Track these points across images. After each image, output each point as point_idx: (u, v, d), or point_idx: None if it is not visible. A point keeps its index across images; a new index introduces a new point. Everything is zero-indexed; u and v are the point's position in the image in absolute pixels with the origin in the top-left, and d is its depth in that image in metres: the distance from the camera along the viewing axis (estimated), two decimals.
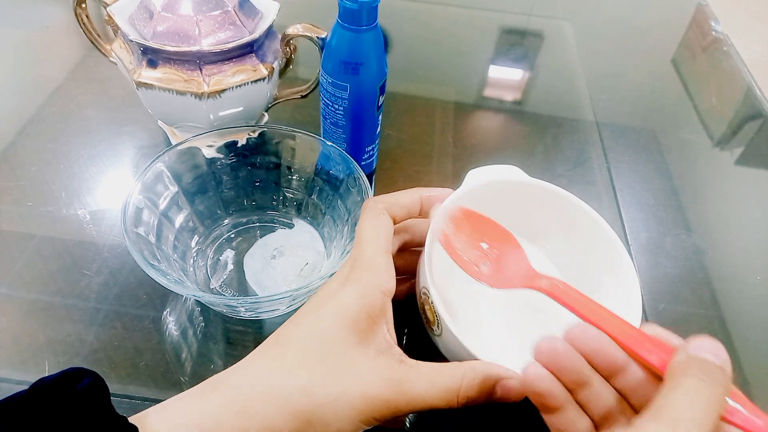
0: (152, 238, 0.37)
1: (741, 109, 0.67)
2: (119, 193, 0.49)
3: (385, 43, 0.43)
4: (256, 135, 0.42)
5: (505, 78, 0.70)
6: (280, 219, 0.45)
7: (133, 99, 0.48)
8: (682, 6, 0.86)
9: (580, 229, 0.38)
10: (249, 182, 0.44)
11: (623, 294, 0.35)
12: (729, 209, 0.55)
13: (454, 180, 0.52)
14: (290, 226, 0.45)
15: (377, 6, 0.39)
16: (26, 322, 0.39)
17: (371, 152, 0.49)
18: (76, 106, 0.56)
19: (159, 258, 0.36)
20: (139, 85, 0.44)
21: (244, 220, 0.45)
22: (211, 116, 0.46)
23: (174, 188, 0.40)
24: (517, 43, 0.75)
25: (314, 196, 0.44)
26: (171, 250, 0.39)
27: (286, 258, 0.42)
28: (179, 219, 0.41)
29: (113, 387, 0.35)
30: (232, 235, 0.44)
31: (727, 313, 0.44)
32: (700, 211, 0.53)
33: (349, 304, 0.28)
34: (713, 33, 0.78)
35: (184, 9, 0.43)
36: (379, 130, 0.48)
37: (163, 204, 0.39)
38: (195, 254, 0.42)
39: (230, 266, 0.42)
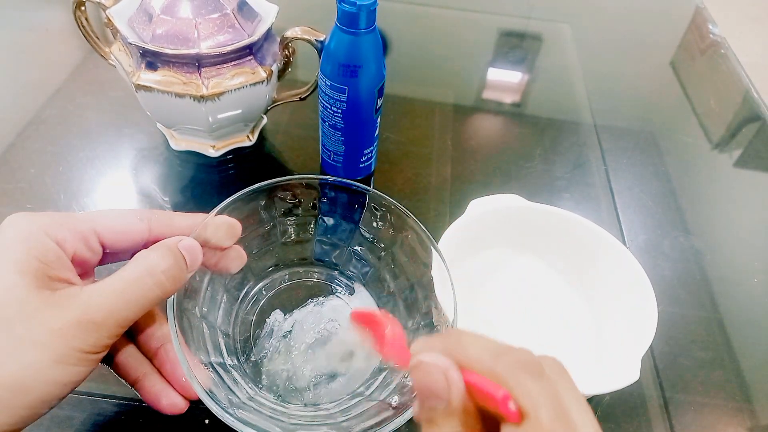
0: (202, 310, 0.33)
1: (739, 112, 0.67)
2: (119, 195, 0.49)
3: (384, 45, 0.43)
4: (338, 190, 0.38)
5: (504, 81, 0.70)
6: (341, 278, 0.41)
7: (132, 101, 0.48)
8: (681, 9, 0.86)
9: (585, 240, 0.40)
10: (317, 234, 0.40)
11: (636, 294, 0.37)
12: (727, 211, 0.55)
13: (452, 183, 0.52)
14: (351, 290, 0.40)
15: (375, 9, 0.39)
16: None
17: (370, 155, 0.49)
18: (75, 108, 0.56)
19: (208, 335, 0.32)
20: (138, 87, 0.44)
21: (301, 270, 0.41)
22: (210, 119, 0.46)
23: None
24: (516, 45, 0.76)
25: (385, 271, 0.39)
26: (218, 311, 0.35)
27: (332, 345, 0.36)
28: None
29: (113, 389, 0.35)
30: (283, 288, 0.40)
31: (726, 314, 0.44)
32: (698, 213, 0.53)
33: (9, 247, 0.25)
34: (711, 36, 0.78)
35: (183, 12, 0.43)
36: (377, 132, 0.48)
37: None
38: (239, 308, 0.37)
39: (275, 336, 0.37)
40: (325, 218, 0.39)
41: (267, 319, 0.37)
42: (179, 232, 0.29)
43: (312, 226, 0.40)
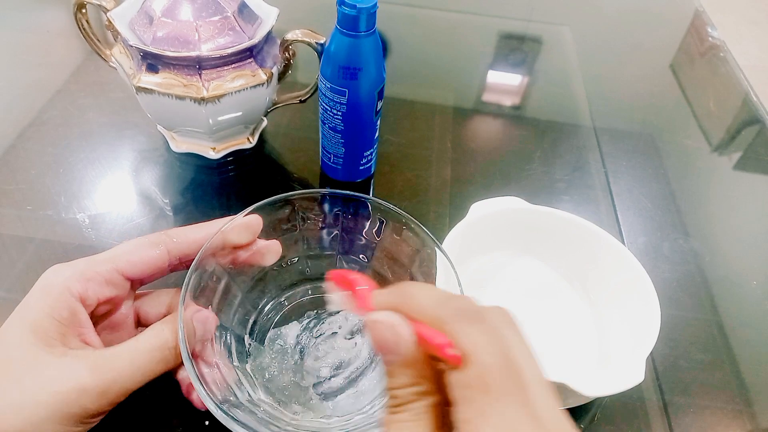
0: (212, 308, 0.33)
1: (738, 115, 0.68)
2: (119, 197, 0.49)
3: (384, 48, 0.43)
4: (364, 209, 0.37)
5: (504, 83, 0.70)
6: None
7: (132, 103, 0.48)
8: (680, 13, 0.86)
9: (586, 242, 0.40)
10: (340, 251, 0.39)
11: (638, 294, 0.37)
12: (726, 214, 0.55)
13: (452, 185, 0.53)
14: None
15: (376, 12, 0.39)
16: None
17: (370, 157, 0.49)
18: (75, 110, 0.56)
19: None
20: (139, 89, 0.44)
21: (322, 286, 0.40)
22: (210, 121, 0.46)
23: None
24: (516, 48, 0.76)
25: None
26: (233, 314, 0.35)
27: (344, 362, 0.36)
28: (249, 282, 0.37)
29: None
30: (304, 301, 0.39)
31: (725, 317, 0.44)
32: (697, 216, 0.53)
33: (31, 305, 0.27)
34: (710, 39, 0.78)
35: (183, 14, 0.43)
36: (377, 134, 0.48)
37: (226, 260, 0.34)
38: (258, 316, 0.38)
39: (287, 345, 0.37)
40: (347, 235, 0.39)
41: (282, 329, 0.37)
42: (196, 246, 0.31)
43: (332, 241, 0.39)
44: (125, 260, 0.30)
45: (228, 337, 0.34)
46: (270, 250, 0.35)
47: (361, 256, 0.39)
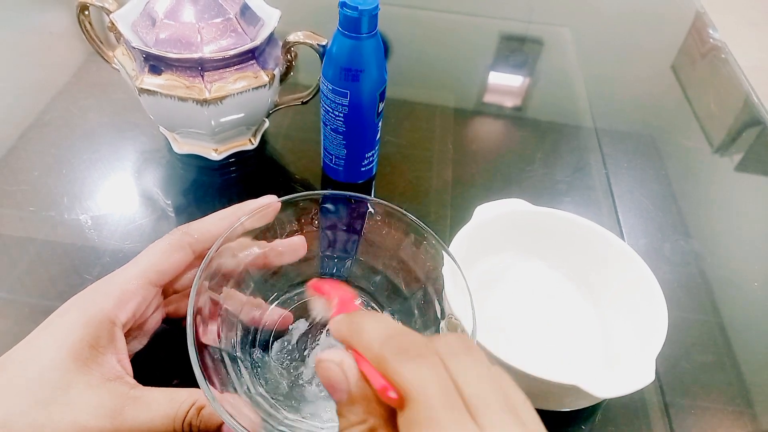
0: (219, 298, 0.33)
1: (739, 116, 0.68)
2: (121, 198, 0.49)
3: (385, 49, 0.43)
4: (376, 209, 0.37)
5: (505, 84, 0.70)
6: (374, 306, 0.39)
7: (134, 104, 0.48)
8: (681, 14, 0.86)
9: (591, 243, 0.41)
10: (355, 255, 0.39)
11: (644, 294, 0.37)
12: (727, 215, 0.55)
13: (453, 186, 0.53)
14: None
15: (377, 14, 0.39)
16: (27, 326, 0.38)
17: (371, 158, 0.49)
18: (77, 111, 0.56)
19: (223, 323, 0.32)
20: (142, 91, 0.44)
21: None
22: (213, 122, 0.46)
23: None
24: (517, 49, 0.76)
25: (414, 303, 0.37)
26: (241, 306, 0.35)
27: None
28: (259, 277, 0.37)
29: None
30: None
31: (726, 318, 0.44)
32: (698, 217, 0.53)
33: (70, 330, 0.27)
34: (711, 40, 0.78)
35: (186, 16, 0.43)
36: (379, 136, 0.48)
37: (248, 258, 0.35)
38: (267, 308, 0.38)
39: (291, 343, 0.37)
40: (367, 238, 0.38)
41: (290, 326, 0.37)
42: (217, 237, 0.31)
43: (350, 244, 0.39)
44: (155, 271, 0.30)
45: (237, 327, 0.34)
46: (289, 250, 0.35)
47: (374, 261, 0.39)
